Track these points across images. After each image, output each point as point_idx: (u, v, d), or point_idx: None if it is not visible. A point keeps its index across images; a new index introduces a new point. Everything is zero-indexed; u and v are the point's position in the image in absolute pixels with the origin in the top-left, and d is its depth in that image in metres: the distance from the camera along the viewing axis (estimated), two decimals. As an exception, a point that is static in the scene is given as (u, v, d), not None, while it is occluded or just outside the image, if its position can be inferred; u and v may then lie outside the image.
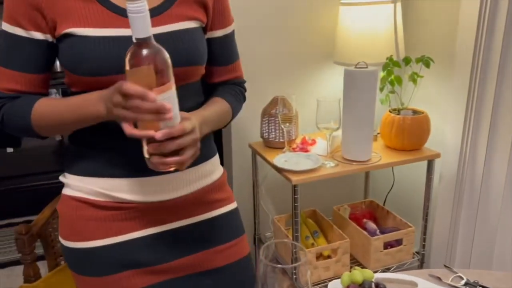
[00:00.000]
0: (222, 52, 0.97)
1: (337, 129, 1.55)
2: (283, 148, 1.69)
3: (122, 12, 0.79)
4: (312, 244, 1.73)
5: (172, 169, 0.75)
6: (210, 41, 0.94)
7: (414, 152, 1.66)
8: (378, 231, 1.80)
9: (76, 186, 0.87)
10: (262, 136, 1.77)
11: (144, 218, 0.88)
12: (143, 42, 0.69)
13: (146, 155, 0.75)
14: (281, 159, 1.58)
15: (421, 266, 1.80)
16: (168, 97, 0.71)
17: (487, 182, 1.65)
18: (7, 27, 0.79)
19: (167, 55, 0.71)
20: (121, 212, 0.86)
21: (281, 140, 1.71)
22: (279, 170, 1.53)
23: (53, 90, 2.67)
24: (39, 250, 1.38)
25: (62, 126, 0.81)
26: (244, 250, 1.03)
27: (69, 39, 0.78)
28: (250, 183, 1.90)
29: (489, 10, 1.51)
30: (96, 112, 0.75)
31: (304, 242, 1.75)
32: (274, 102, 1.73)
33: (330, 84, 1.96)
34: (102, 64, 0.76)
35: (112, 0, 0.80)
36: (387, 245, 1.73)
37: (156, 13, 0.82)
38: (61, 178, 0.92)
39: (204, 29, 0.92)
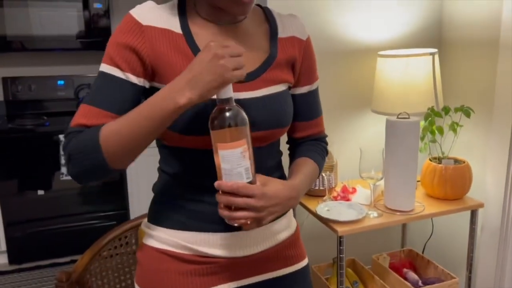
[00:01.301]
0: (305, 108, 0.97)
1: (381, 179, 1.54)
2: (322, 196, 1.69)
3: None
4: (355, 296, 1.69)
5: (235, 224, 0.77)
6: (294, 97, 0.94)
7: (457, 201, 1.65)
8: (420, 281, 1.76)
9: (161, 238, 0.87)
10: (301, 184, 1.77)
11: (225, 273, 0.87)
12: (225, 103, 0.74)
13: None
14: (323, 208, 1.58)
15: (466, 319, 1.74)
16: (242, 153, 0.75)
17: (534, 233, 1.61)
18: (104, 67, 0.80)
19: (245, 115, 0.75)
20: (204, 266, 0.86)
21: (321, 188, 1.71)
22: (323, 220, 1.53)
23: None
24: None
25: (136, 137, 0.74)
26: None
27: None
28: (287, 230, 1.89)
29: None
30: (173, 103, 0.71)
31: (345, 293, 1.71)
32: (313, 150, 1.74)
33: (367, 132, 1.98)
34: (202, 125, 0.77)
35: None
36: (431, 297, 1.69)
37: (250, 78, 0.84)
38: (144, 228, 0.92)
39: (289, 86, 0.94)
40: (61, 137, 2.66)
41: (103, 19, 2.95)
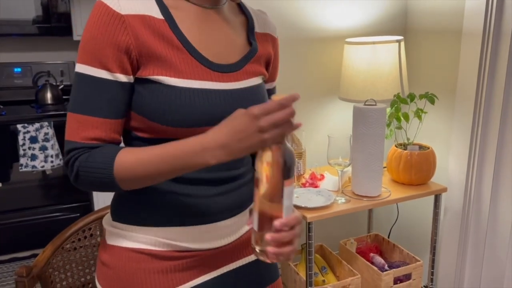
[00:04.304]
0: None
1: (349, 165, 1.56)
2: (291, 183, 1.69)
3: (210, 65, 0.79)
4: (323, 281, 1.71)
5: (280, 260, 0.74)
6: None
7: (421, 186, 1.69)
8: (386, 265, 1.80)
9: (135, 236, 0.83)
10: (269, 171, 1.76)
11: (202, 266, 0.86)
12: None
13: (256, 246, 0.74)
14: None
15: (429, 300, 1.80)
16: (291, 191, 0.73)
17: (494, 216, 1.68)
18: (90, 70, 0.73)
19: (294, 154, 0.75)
20: (182, 261, 0.84)
21: (289, 175, 1.71)
22: (292, 206, 1.52)
23: (45, 123, 2.61)
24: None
25: (153, 178, 0.73)
26: None
27: (154, 85, 0.75)
28: (255, 218, 1.88)
29: (492, 44, 1.57)
30: (203, 162, 0.69)
31: (314, 278, 1.72)
32: (282, 137, 1.74)
33: (335, 119, 1.99)
34: (187, 115, 0.74)
35: (201, 52, 0.79)
36: (397, 280, 1.73)
37: (234, 69, 0.83)
38: (110, 228, 0.87)
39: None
40: (19, 126, 2.54)
41: (62, 3, 2.83)
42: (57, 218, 2.79)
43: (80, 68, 0.73)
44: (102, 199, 2.83)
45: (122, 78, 0.75)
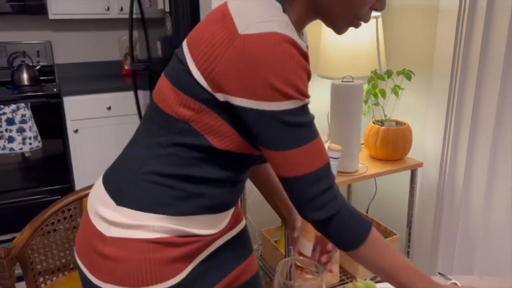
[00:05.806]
0: None
1: (327, 141, 1.58)
2: (271, 161, 1.71)
3: None
4: (303, 256, 1.74)
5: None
6: None
7: (398, 162, 1.72)
8: (364, 239, 1.84)
9: (153, 226, 0.81)
10: (249, 150, 1.77)
11: (201, 250, 0.89)
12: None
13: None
14: (271, 173, 1.59)
15: (406, 272, 1.85)
16: None
17: (468, 190, 1.72)
18: (307, 100, 0.77)
19: None
20: (189, 246, 0.85)
21: (269, 153, 1.73)
22: (271, 184, 1.54)
23: (22, 105, 2.57)
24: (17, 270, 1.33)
25: (385, 271, 0.80)
26: (256, 265, 1.08)
27: None
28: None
29: (467, 21, 1.59)
30: None
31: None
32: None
33: (313, 96, 2.00)
34: None
35: None
36: (374, 253, 1.77)
37: None
38: (112, 218, 0.82)
39: None
40: (-5, 108, 2.49)
41: (36, -20, 2.74)
42: (37, 200, 2.77)
43: (304, 101, 0.76)
44: (83, 182, 2.82)
45: None
